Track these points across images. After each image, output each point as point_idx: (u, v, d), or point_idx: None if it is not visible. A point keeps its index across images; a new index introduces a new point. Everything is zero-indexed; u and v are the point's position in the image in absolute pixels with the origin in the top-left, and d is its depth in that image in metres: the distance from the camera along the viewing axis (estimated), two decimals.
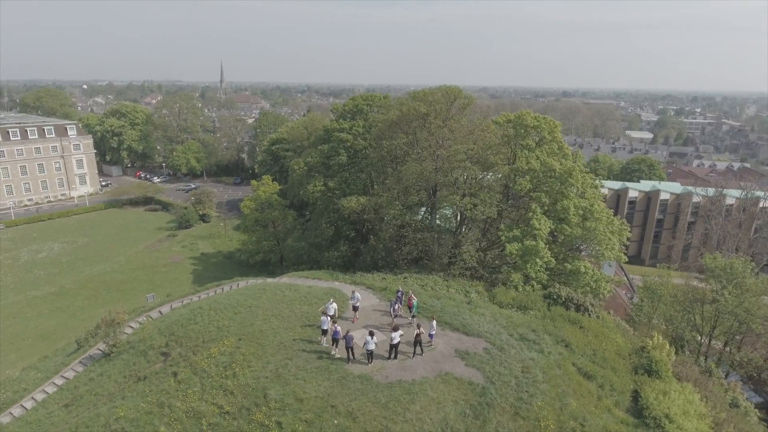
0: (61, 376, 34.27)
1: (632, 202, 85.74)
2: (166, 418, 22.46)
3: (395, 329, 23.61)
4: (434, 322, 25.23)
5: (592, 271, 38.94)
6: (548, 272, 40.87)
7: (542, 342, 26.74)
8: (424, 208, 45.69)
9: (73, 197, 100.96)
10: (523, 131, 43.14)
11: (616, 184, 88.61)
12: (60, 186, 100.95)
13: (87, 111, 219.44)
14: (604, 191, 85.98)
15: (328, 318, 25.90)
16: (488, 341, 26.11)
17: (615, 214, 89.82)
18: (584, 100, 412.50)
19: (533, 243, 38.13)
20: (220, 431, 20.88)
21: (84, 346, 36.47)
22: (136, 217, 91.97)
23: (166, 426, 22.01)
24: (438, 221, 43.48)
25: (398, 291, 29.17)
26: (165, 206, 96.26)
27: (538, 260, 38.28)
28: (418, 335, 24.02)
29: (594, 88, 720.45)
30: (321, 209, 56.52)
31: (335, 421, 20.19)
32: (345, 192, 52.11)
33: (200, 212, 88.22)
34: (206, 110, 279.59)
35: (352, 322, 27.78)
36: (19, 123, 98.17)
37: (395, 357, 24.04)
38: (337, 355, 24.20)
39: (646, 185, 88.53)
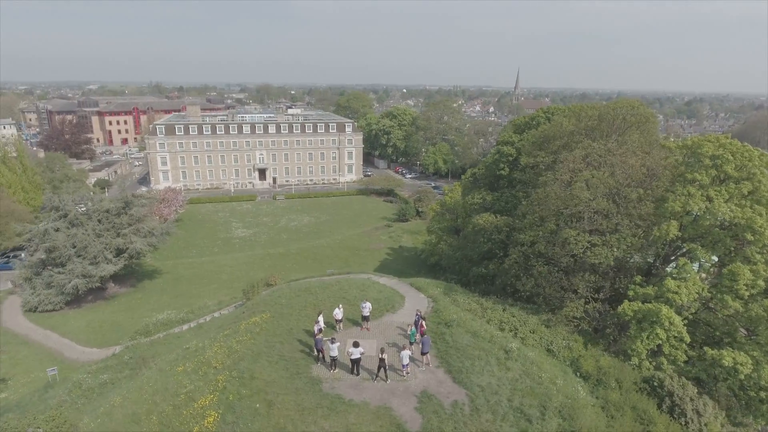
0: (219, 312, 45.76)
1: None
2: (196, 359, 28.49)
3: (355, 345, 23.56)
4: (405, 352, 23.70)
5: (749, 367, 27.13)
6: (695, 354, 30.68)
7: (539, 422, 21.71)
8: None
9: (339, 182, 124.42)
10: (696, 162, 32.71)
11: None
12: (333, 172, 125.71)
13: None
14: None
15: (334, 319, 27.52)
16: (469, 396, 22.90)
17: None
18: None
19: (656, 307, 29.28)
20: (204, 379, 25.61)
21: (242, 296, 47.10)
22: (373, 206, 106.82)
23: (191, 363, 28.13)
24: (560, 258, 37.41)
25: (416, 314, 27.99)
26: (397, 199, 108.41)
27: (660, 331, 29.24)
28: (381, 360, 23.30)
29: None
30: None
31: (257, 405, 22.27)
32: (498, 208, 49.76)
33: (419, 209, 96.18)
34: (494, 115, 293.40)
35: (360, 330, 28.39)
36: (315, 120, 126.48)
37: (357, 373, 23.97)
38: (315, 354, 25.73)
39: None
